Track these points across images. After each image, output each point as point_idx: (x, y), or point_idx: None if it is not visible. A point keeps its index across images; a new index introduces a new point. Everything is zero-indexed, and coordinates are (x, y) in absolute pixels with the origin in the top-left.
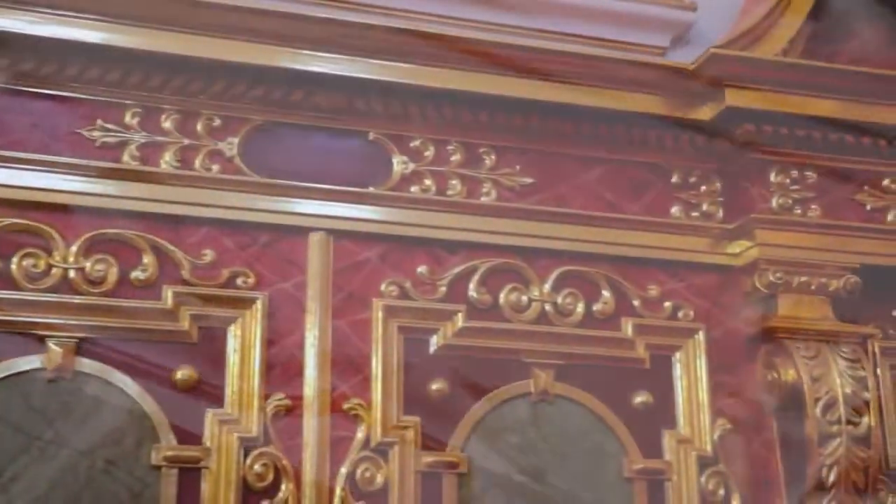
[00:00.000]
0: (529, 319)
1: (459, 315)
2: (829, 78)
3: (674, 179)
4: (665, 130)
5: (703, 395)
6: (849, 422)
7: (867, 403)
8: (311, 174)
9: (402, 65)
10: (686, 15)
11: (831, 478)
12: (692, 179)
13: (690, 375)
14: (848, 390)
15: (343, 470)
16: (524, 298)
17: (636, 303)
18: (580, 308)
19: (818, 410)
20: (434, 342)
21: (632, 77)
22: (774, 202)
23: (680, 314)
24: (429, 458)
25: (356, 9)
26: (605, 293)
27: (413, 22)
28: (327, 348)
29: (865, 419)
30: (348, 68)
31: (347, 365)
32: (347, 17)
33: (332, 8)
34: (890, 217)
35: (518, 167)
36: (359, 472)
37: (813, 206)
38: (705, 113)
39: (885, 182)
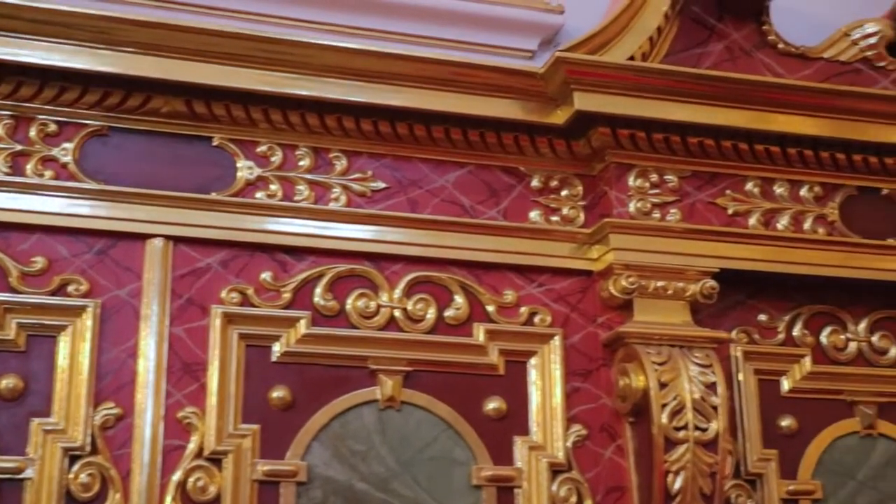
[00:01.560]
0: (377, 326)
1: (303, 322)
2: (682, 82)
3: (534, 184)
4: (522, 134)
5: (558, 401)
6: (696, 427)
7: (716, 409)
8: (150, 180)
9: (243, 69)
10: (554, 18)
11: (677, 484)
12: (553, 183)
13: (545, 382)
14: (697, 396)
15: (174, 479)
16: (372, 304)
17: (490, 308)
18: (431, 314)
19: (665, 416)
20: (276, 349)
21: (484, 81)
22: (632, 206)
23: (536, 320)
24: (266, 467)
25: (194, 11)
26: (458, 299)
27: (258, 25)
28: (162, 356)
29: (714, 425)
30: (186, 73)
31: (183, 373)
32: (184, 20)
33: (168, 10)
34: (752, 221)
35: (370, 172)
36: (190, 481)
37: (672, 211)
38: (559, 117)
39: (748, 186)
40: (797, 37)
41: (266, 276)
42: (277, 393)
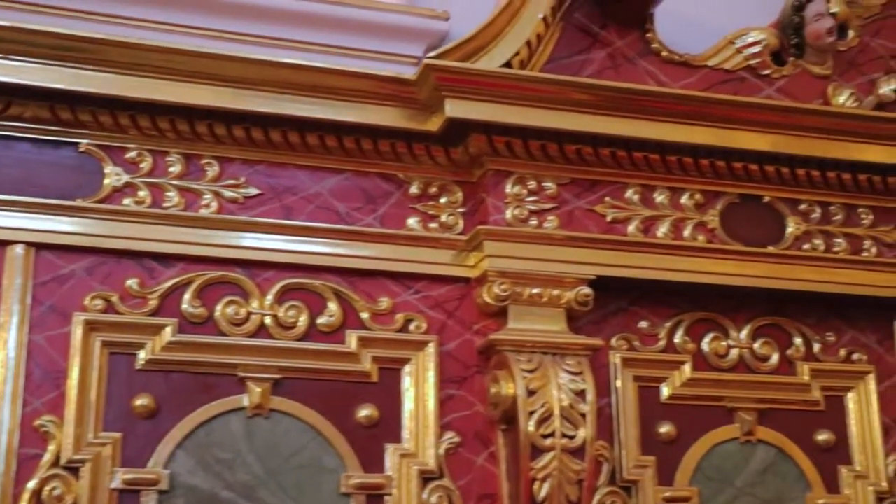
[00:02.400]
0: (247, 333)
1: (168, 329)
2: (555, 90)
3: (412, 190)
4: (399, 141)
5: (431, 408)
6: (564, 435)
7: (584, 416)
8: (13, 186)
9: (108, 75)
10: (439, 24)
11: (543, 492)
12: (432, 190)
13: (419, 389)
14: (565, 403)
15: (29, 487)
16: (242, 311)
17: (365, 315)
18: (303, 321)
19: (532, 424)
20: (141, 357)
21: (357, 88)
22: (509, 213)
23: (411, 327)
24: (127, 476)
25: (55, 14)
26: (332, 306)
27: (125, 29)
28: (20, 364)
29: (582, 432)
30: (47, 78)
31: (43, 381)
32: (44, 25)
33: (29, 13)
34: (631, 228)
35: (243, 178)
36: (46, 490)
37: (550, 218)
38: (433, 124)
39: (628, 193)
40: (687, 43)
41: (132, 282)
42: (141, 401)
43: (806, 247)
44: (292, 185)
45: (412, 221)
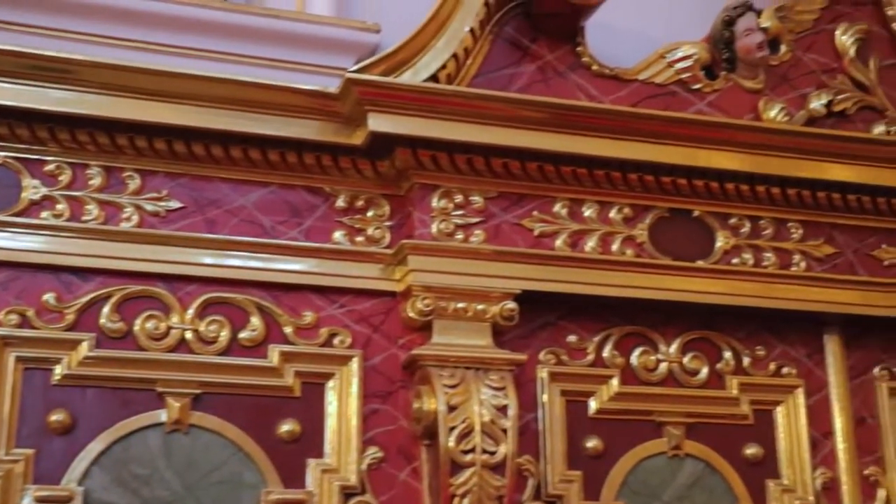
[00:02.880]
0: (166, 347)
1: (85, 344)
2: (479, 104)
3: (339, 204)
4: (324, 154)
5: (354, 423)
6: (484, 451)
7: (505, 432)
8: None
9: (23, 87)
10: (370, 37)
11: None
12: (359, 203)
13: (342, 404)
14: (487, 419)
15: None
16: (162, 326)
17: (288, 330)
18: (225, 335)
19: (452, 439)
20: (57, 372)
21: (279, 101)
22: (435, 227)
23: (336, 341)
24: (39, 493)
25: None
26: (255, 320)
27: (49, 41)
28: None
29: (503, 448)
30: None
31: None
32: None
33: None
34: (558, 242)
35: (165, 192)
36: None
37: (477, 232)
38: (358, 138)
39: (556, 207)
40: (621, 55)
41: (49, 297)
42: (56, 416)
43: (735, 261)
44: (216, 198)
45: (338, 235)
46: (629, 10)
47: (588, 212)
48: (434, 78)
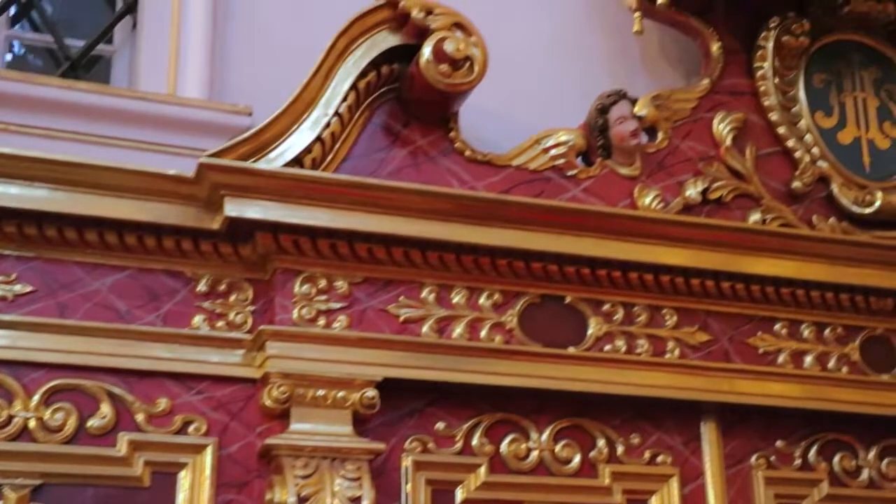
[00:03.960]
0: (7, 436)
1: None
2: (339, 189)
3: (200, 288)
4: (184, 238)
5: None
6: None
7: None
8: None
9: None
10: (242, 119)
11: None
12: (221, 288)
13: (195, 494)
14: None
15: None
16: (4, 414)
17: (139, 417)
18: (71, 423)
19: None
20: None
21: (136, 184)
22: (296, 313)
23: (190, 429)
24: None
25: None
26: (105, 407)
27: None
28: None
29: None
30: None
31: None
32: None
33: None
34: (425, 329)
35: (15, 275)
36: None
37: (340, 318)
38: (216, 222)
39: (424, 293)
40: (499, 140)
41: None
42: None
43: (608, 348)
44: (69, 282)
45: (198, 320)
46: (507, 95)
47: (457, 298)
48: (298, 162)
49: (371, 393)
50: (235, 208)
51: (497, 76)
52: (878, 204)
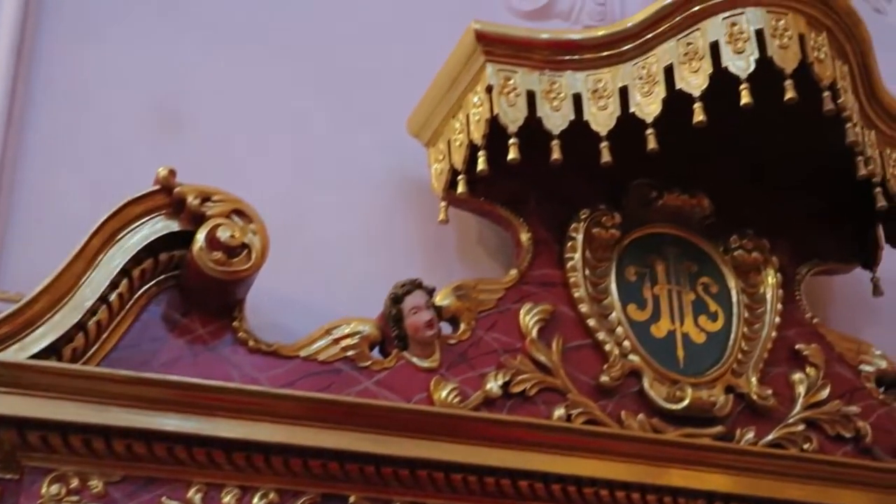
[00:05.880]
0: None
1: None
2: (91, 384)
3: None
4: None
5: None
6: None
7: None
8: None
9: None
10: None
11: None
12: None
13: None
14: None
15: None
16: None
17: None
18: None
19: None
20: None
21: None
22: None
23: None
24: None
25: None
26: None
27: None
28: None
29: None
30: None
31: None
32: None
33: None
34: None
35: None
36: None
37: None
38: None
39: (191, 493)
40: (297, 329)
41: None
42: None
43: None
44: None
45: None
46: (314, 284)
47: (227, 498)
48: (55, 351)
49: None
50: None
51: (305, 264)
52: (687, 401)
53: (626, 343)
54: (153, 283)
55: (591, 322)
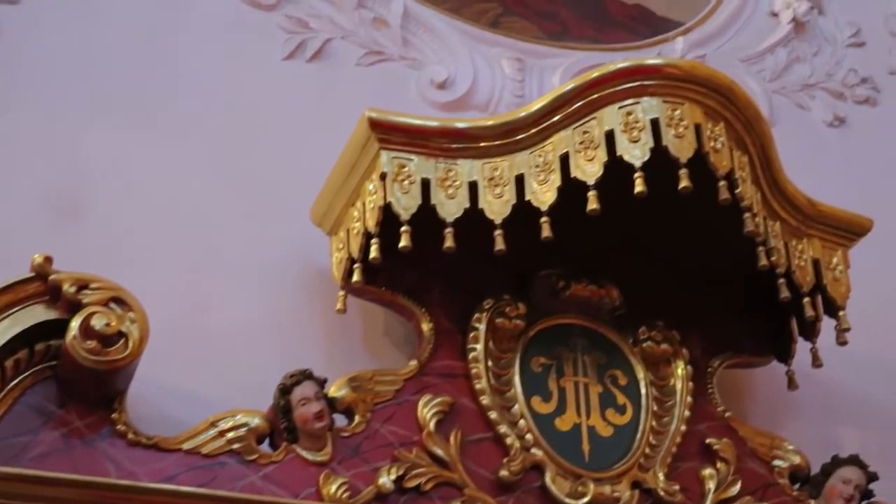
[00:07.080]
0: None
1: None
2: None
3: None
4: None
5: None
6: None
7: None
8: None
9: None
10: None
11: None
12: None
13: None
14: None
15: None
16: None
17: None
18: None
19: None
20: None
21: None
22: None
23: None
24: None
25: None
26: None
27: None
28: None
29: None
30: None
31: None
32: None
33: None
34: None
35: None
36: None
37: None
38: None
39: None
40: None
41: None
42: None
43: None
44: None
45: None
46: (208, 375)
47: None
48: None
49: None
50: None
51: (201, 353)
52: (588, 496)
53: (529, 436)
54: (28, 373)
55: (493, 414)
